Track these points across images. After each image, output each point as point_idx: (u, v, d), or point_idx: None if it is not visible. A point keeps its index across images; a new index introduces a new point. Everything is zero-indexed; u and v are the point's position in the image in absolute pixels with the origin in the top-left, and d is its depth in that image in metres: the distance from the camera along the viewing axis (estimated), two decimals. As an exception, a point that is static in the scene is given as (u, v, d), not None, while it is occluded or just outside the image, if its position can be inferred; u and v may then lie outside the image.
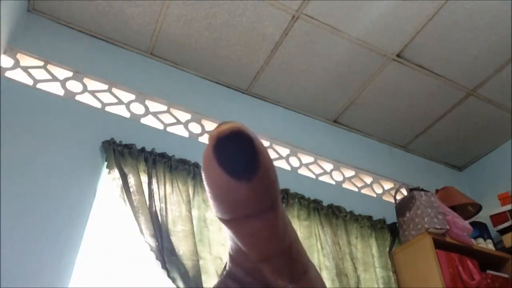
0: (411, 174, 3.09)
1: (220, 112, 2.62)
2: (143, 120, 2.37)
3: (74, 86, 2.30)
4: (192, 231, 1.96)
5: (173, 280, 1.80)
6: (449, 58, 2.59)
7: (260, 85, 2.77)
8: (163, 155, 2.14)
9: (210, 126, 2.56)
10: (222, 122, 0.68)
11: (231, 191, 0.66)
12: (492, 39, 2.48)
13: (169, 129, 2.41)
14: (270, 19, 2.40)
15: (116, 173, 1.99)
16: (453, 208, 2.61)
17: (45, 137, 2.02)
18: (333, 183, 2.75)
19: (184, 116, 2.52)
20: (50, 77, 2.27)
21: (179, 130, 2.44)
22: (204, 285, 1.85)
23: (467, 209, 2.76)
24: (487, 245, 2.56)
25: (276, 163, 2.62)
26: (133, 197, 1.94)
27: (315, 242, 2.27)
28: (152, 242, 1.85)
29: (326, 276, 2.18)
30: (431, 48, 2.53)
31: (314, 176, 2.71)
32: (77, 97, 2.26)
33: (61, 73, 2.31)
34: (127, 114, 2.34)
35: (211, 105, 2.62)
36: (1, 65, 2.14)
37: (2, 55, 2.17)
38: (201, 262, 1.91)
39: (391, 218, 2.57)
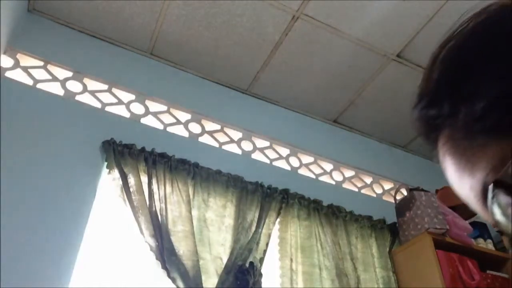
0: (411, 174, 3.08)
1: (220, 112, 2.62)
2: (143, 120, 2.36)
3: (74, 86, 2.30)
4: (192, 231, 1.96)
5: (173, 280, 1.80)
6: (449, 58, 2.59)
7: (260, 85, 2.77)
8: (163, 155, 2.14)
9: (210, 126, 2.56)
10: None
11: None
12: (492, 39, 2.48)
13: (169, 129, 2.41)
14: (270, 19, 2.40)
15: (116, 173, 1.99)
16: (453, 208, 2.61)
17: (45, 137, 2.02)
18: (333, 183, 2.75)
19: (184, 116, 2.52)
20: (50, 77, 2.26)
21: (179, 130, 2.44)
22: (204, 285, 1.85)
23: (467, 209, 2.74)
24: (487, 245, 2.56)
25: (276, 163, 2.62)
26: (133, 197, 1.94)
27: (315, 242, 2.26)
28: (152, 242, 1.85)
29: (326, 276, 2.18)
30: (431, 48, 2.52)
31: (314, 176, 2.71)
32: (77, 97, 2.26)
33: (61, 73, 2.31)
34: (127, 114, 2.34)
35: (211, 105, 2.62)
36: (1, 65, 2.14)
37: (2, 55, 2.17)
38: (201, 262, 1.91)
39: (391, 218, 2.57)
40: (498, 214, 0.33)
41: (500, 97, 0.33)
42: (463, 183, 0.37)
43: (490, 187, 0.32)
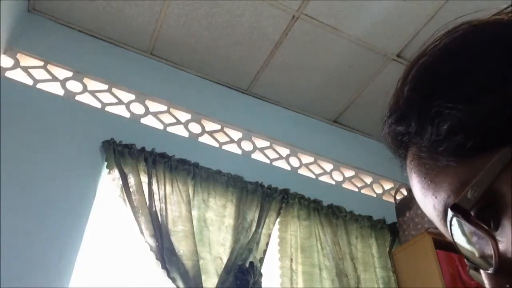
0: (411, 174, 3.08)
1: (220, 112, 2.62)
2: (143, 120, 2.36)
3: (74, 86, 2.30)
4: (192, 231, 1.96)
5: (173, 280, 1.80)
6: (449, 58, 2.59)
7: (260, 85, 2.77)
8: (163, 155, 2.14)
9: (210, 126, 2.56)
10: None
11: None
12: (492, 39, 2.48)
13: (169, 129, 2.41)
14: (270, 19, 2.40)
15: (116, 173, 1.99)
16: (453, 208, 2.61)
17: (45, 137, 2.02)
18: (333, 183, 2.75)
19: (184, 116, 2.52)
20: (50, 77, 2.27)
21: (179, 130, 2.44)
22: (204, 285, 1.85)
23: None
24: (487, 245, 2.56)
25: (276, 163, 2.62)
26: (133, 197, 1.94)
27: (315, 242, 2.27)
28: (152, 242, 1.85)
29: (326, 276, 2.18)
30: (431, 48, 2.53)
31: (314, 176, 2.71)
32: (77, 97, 2.26)
33: (61, 73, 2.31)
34: (127, 114, 2.34)
35: (211, 105, 2.62)
36: (1, 65, 2.14)
37: (2, 55, 2.17)
38: (201, 262, 1.91)
39: (391, 218, 2.57)
40: (461, 241, 0.33)
41: (463, 120, 0.33)
42: (427, 202, 0.37)
43: (449, 210, 0.32)
